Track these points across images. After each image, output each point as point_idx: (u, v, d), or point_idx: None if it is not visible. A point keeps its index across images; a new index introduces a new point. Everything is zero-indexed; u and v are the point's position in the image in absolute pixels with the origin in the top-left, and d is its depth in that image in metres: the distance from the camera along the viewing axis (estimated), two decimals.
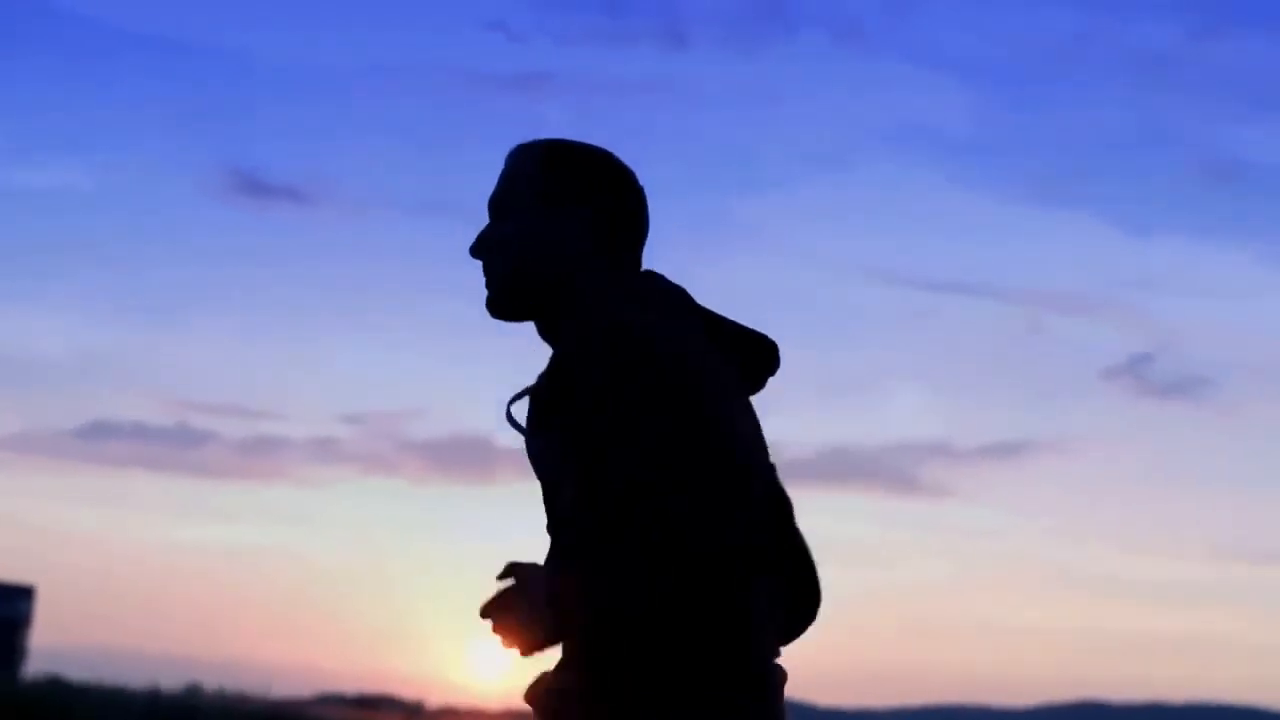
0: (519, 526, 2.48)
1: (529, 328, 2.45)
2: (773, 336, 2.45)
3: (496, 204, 2.47)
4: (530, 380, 2.36)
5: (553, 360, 2.32)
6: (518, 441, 2.36)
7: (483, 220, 2.49)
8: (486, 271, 2.46)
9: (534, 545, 2.33)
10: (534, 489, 2.37)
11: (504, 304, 2.45)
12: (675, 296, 2.39)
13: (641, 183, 2.49)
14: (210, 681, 24.95)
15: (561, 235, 2.40)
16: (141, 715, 21.30)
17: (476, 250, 2.47)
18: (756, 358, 2.41)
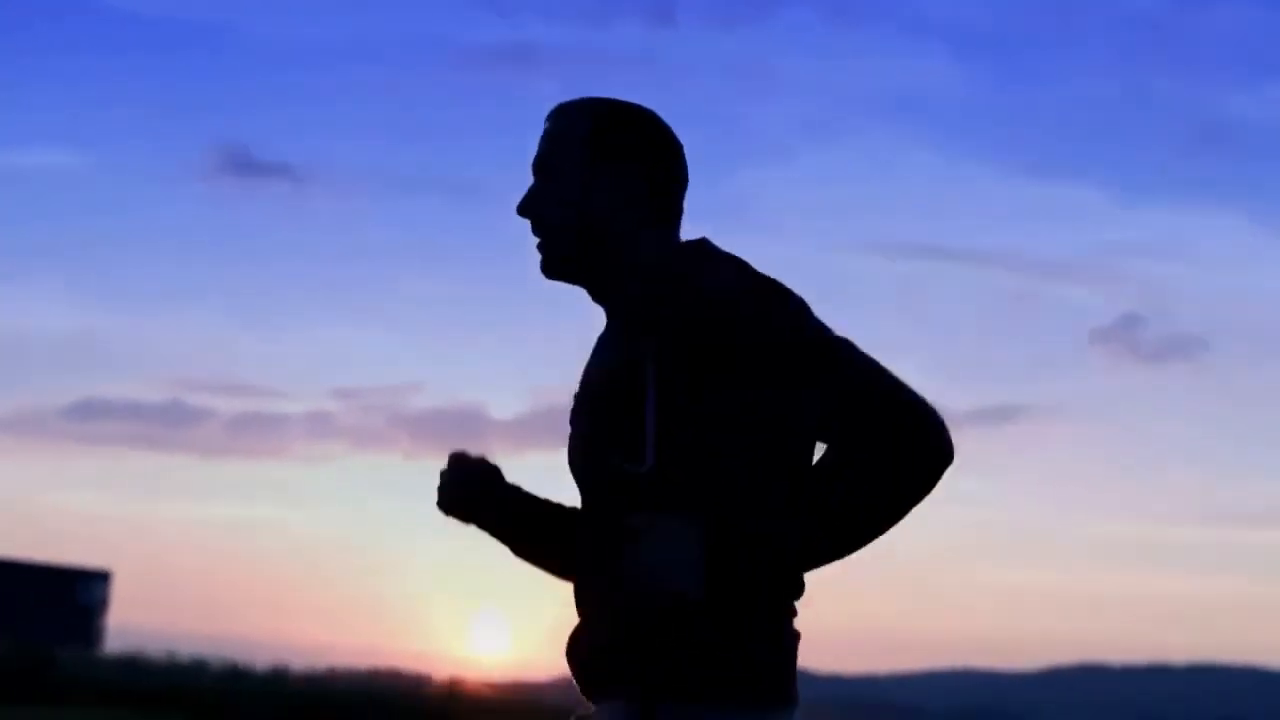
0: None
1: (524, 301, 2.45)
2: None
3: (543, 164, 2.43)
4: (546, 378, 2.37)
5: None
6: (512, 412, 2.33)
7: (473, 193, 2.46)
8: (538, 231, 2.42)
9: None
10: (526, 463, 2.36)
11: (561, 265, 2.41)
12: (732, 256, 2.36)
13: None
14: (213, 658, 24.90)
15: (615, 194, 2.38)
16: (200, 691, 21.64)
17: (525, 209, 2.43)
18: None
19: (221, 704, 20.75)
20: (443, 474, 2.45)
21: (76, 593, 38.87)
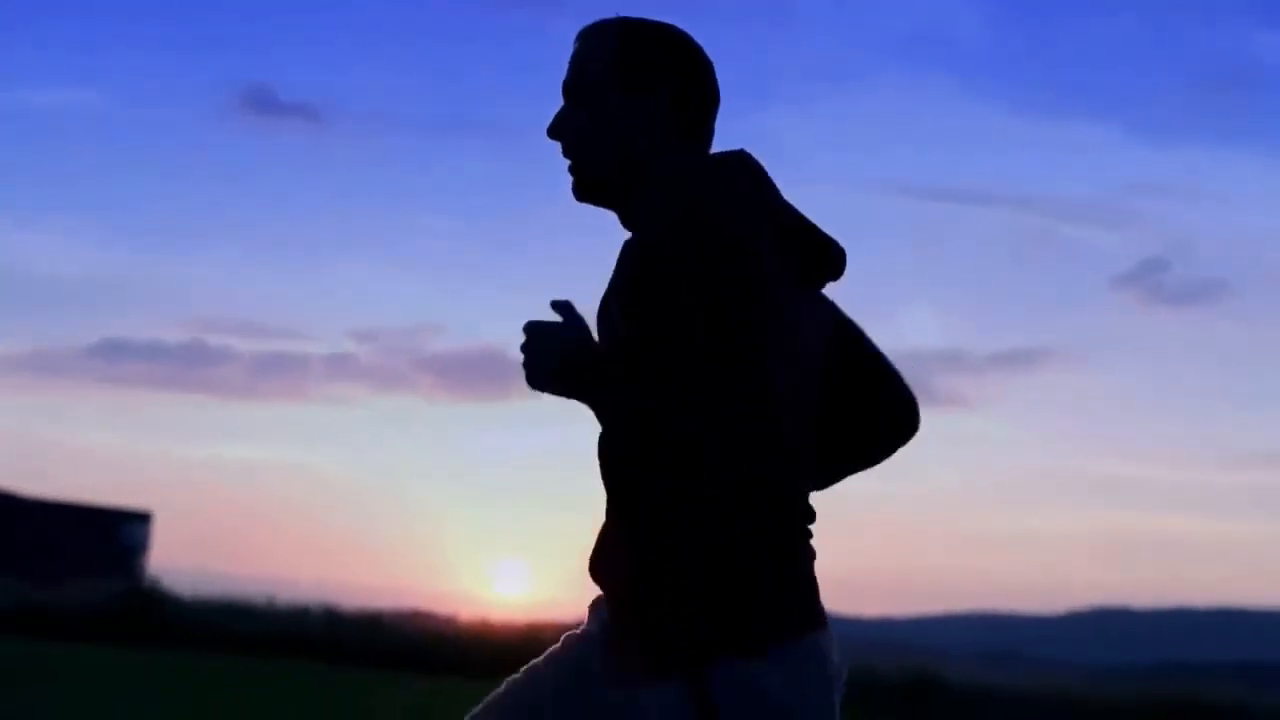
0: (534, 441, 2.32)
1: (545, 239, 2.40)
2: None
3: (572, 86, 2.40)
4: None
5: (630, 244, 2.27)
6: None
7: (497, 131, 2.42)
8: (568, 154, 2.40)
9: (549, 461, 2.24)
10: (548, 406, 2.30)
11: (591, 187, 2.39)
12: (758, 178, 2.33)
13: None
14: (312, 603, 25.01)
15: (643, 116, 2.35)
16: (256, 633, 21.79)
17: (554, 132, 2.40)
18: (819, 258, 2.36)
19: (333, 647, 20.94)
20: (524, 346, 2.25)
21: (119, 534, 39.06)
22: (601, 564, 2.35)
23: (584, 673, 2.38)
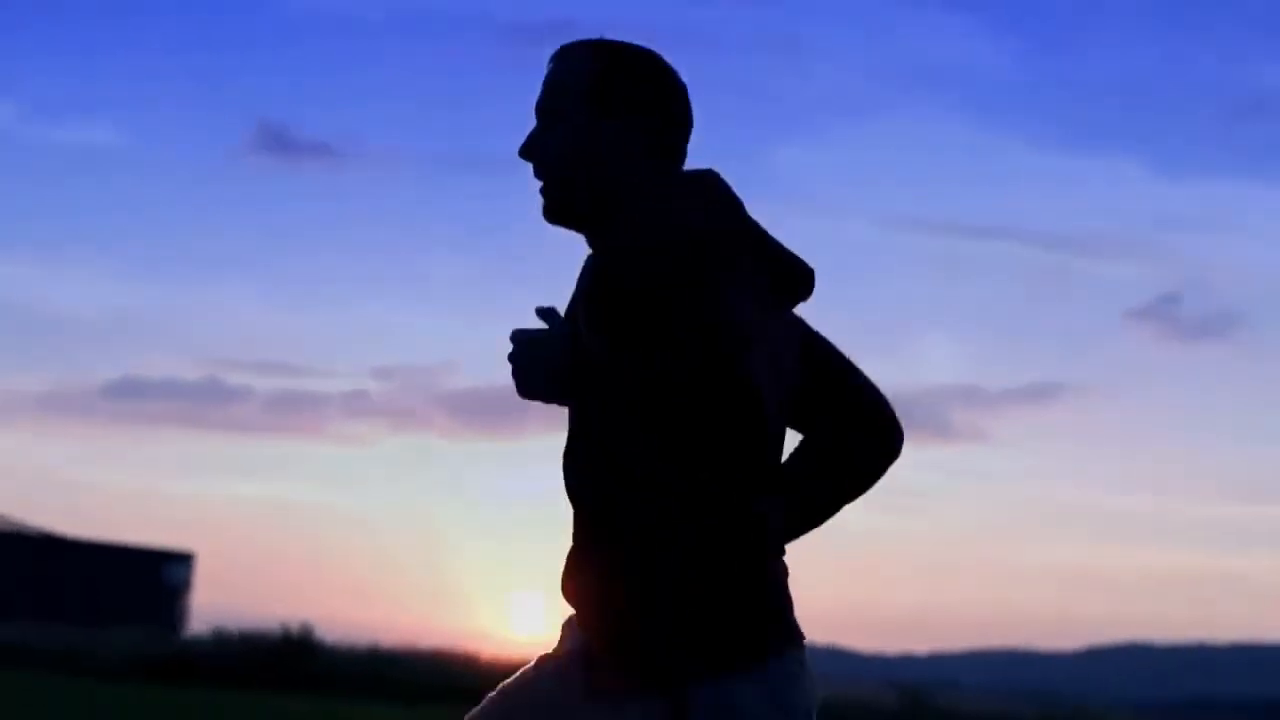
0: (550, 479, 2.41)
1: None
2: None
3: (546, 107, 2.36)
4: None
5: (600, 256, 2.29)
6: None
7: (512, 175, 2.42)
8: (539, 175, 2.36)
9: (566, 498, 2.32)
10: (563, 443, 2.33)
11: (562, 208, 2.34)
12: (728, 194, 2.31)
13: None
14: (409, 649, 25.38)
15: (615, 138, 2.32)
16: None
17: (526, 152, 2.36)
18: (789, 279, 2.31)
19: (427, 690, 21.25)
20: (512, 355, 2.24)
21: (161, 574, 39.38)
22: (573, 583, 2.32)
23: (560, 691, 2.33)
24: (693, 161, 2.39)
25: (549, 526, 2.45)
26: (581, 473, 2.29)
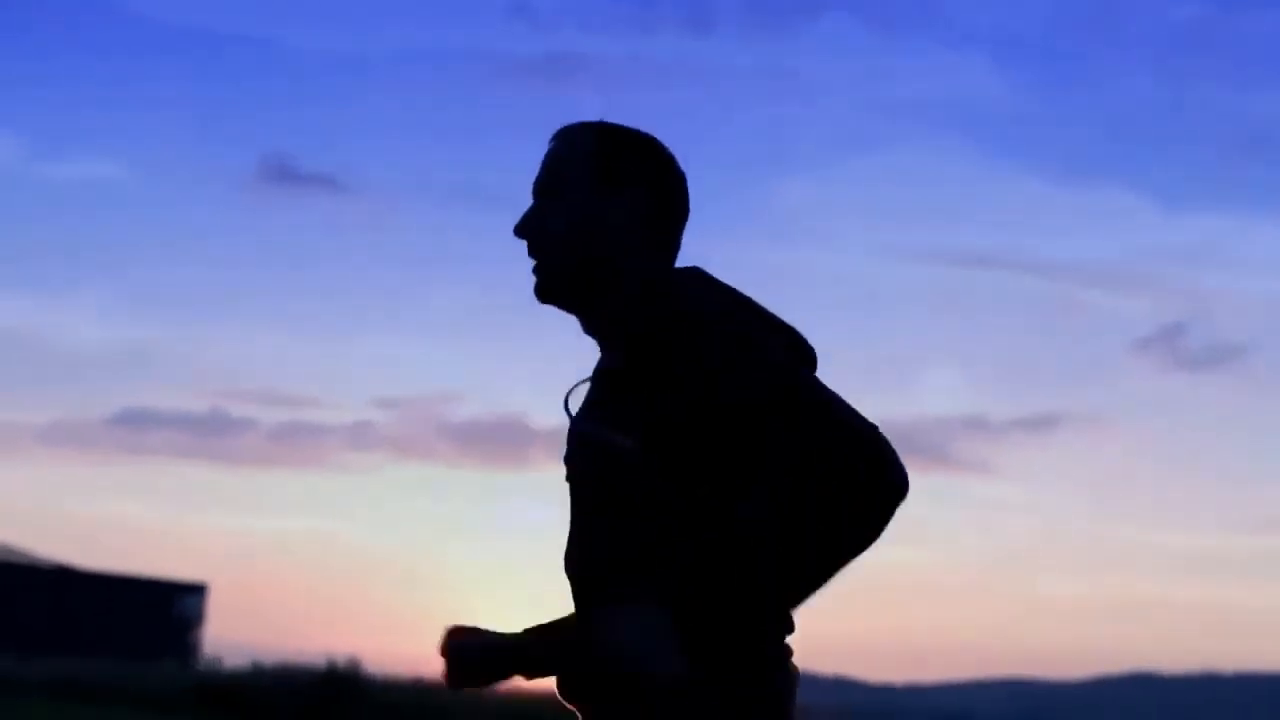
0: (555, 510, 2.39)
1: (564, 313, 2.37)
2: (806, 313, 2.34)
3: (544, 185, 2.34)
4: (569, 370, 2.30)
5: (625, 343, 2.24)
6: (553, 422, 2.30)
7: (513, 202, 2.40)
8: (535, 254, 2.32)
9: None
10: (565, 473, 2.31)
11: (556, 288, 2.31)
12: (723, 287, 2.27)
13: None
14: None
15: (613, 219, 2.29)
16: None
17: (522, 230, 2.33)
18: (809, 361, 2.27)
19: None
20: (442, 654, 2.33)
21: (173, 606, 39.34)
22: (570, 682, 2.27)
23: None
24: (719, 196, 2.45)
25: (554, 558, 2.44)
26: (583, 576, 2.30)
